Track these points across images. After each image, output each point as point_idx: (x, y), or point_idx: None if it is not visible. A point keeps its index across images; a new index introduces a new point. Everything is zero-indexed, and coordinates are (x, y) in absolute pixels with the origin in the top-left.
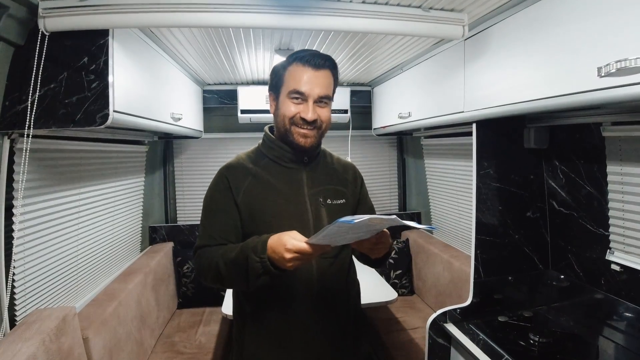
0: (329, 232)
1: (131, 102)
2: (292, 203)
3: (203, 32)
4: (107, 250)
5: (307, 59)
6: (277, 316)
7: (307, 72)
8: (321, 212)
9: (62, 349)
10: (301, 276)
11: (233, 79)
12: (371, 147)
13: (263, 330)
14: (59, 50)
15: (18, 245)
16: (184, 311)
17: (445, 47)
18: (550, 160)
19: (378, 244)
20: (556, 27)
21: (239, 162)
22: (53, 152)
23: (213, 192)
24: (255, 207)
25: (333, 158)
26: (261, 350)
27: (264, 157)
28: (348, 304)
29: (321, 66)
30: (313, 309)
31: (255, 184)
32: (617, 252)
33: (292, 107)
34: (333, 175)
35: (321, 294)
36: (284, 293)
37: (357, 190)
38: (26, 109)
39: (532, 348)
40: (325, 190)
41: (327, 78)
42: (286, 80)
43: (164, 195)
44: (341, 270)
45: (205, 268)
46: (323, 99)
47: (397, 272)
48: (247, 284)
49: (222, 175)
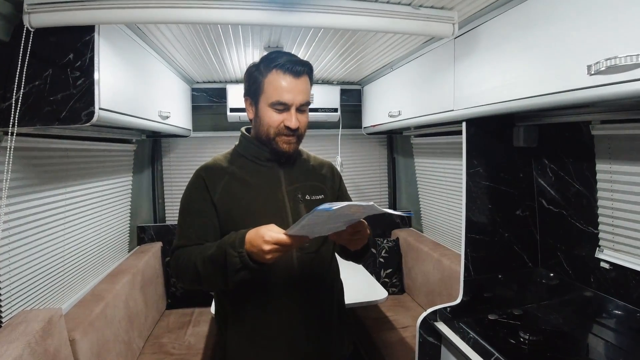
0: (308, 222)
1: (118, 99)
2: (270, 200)
3: (191, 28)
4: (95, 250)
5: (288, 67)
6: (259, 315)
7: (287, 81)
8: (300, 208)
9: (48, 351)
10: (282, 273)
11: (222, 77)
12: (361, 146)
13: (245, 329)
14: (44, 47)
15: (3, 246)
16: (172, 312)
17: (435, 45)
18: (539, 159)
19: (355, 234)
20: (546, 25)
21: (216, 163)
22: (38, 151)
23: (190, 193)
24: (232, 206)
25: (310, 156)
26: (244, 351)
27: (241, 156)
28: (331, 300)
29: (301, 73)
30: (295, 306)
31: (231, 183)
32: (607, 250)
33: (275, 117)
34: (310, 172)
35: (303, 290)
36: (265, 291)
37: (335, 187)
38: (10, 107)
39: (522, 346)
40: (303, 186)
41: (307, 84)
42: (266, 89)
43: (152, 194)
44: (322, 266)
45: (182, 268)
46: (303, 106)
47: (388, 271)
48: (226, 280)
49: (198, 176)
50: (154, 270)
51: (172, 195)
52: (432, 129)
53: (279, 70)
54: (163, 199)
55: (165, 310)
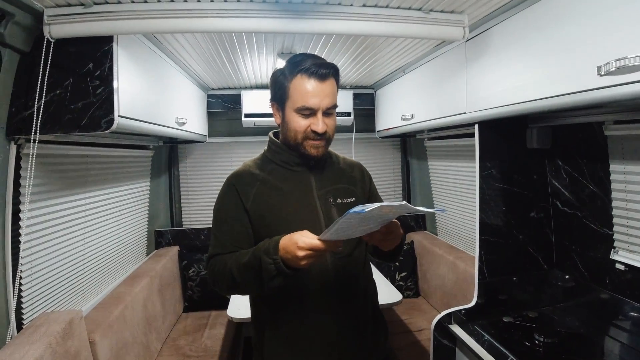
0: (341, 226)
1: (136, 107)
2: (302, 205)
3: (206, 37)
4: (113, 254)
5: (313, 71)
6: (295, 320)
7: (313, 85)
8: (332, 212)
9: (69, 352)
10: (317, 277)
11: (237, 84)
12: (375, 150)
13: (282, 335)
14: (64, 57)
15: (25, 250)
16: (189, 315)
17: (446, 48)
18: (553, 160)
19: (389, 234)
20: (556, 27)
21: (246, 170)
22: (59, 157)
23: (222, 202)
24: (265, 213)
25: (339, 158)
26: (280, 355)
27: (271, 162)
28: (365, 302)
29: (326, 76)
30: (331, 309)
31: (263, 189)
32: (622, 251)
33: (302, 122)
34: (341, 175)
35: (338, 294)
36: (301, 296)
37: (366, 188)
38: (32, 115)
39: (538, 348)
40: (334, 190)
41: (332, 86)
42: (292, 94)
43: (170, 199)
44: (356, 268)
45: (219, 276)
46: (331, 109)
47: (402, 274)
48: (262, 286)
49: (230, 184)
50: (171, 274)
51: (188, 199)
52: (445, 131)
53: (304, 74)
54: (180, 203)
55: (182, 313)
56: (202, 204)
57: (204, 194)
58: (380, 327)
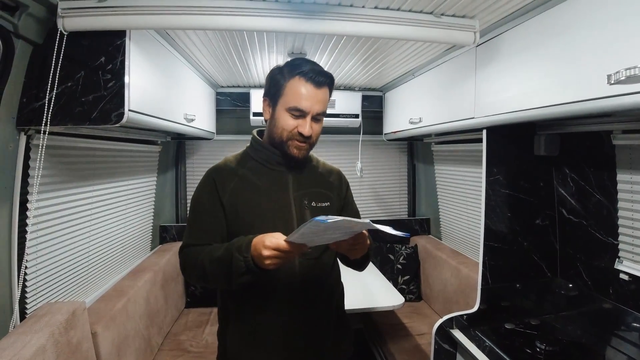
0: (305, 231)
1: (146, 101)
2: (277, 204)
3: (217, 35)
4: (118, 247)
5: (310, 76)
6: (259, 316)
7: (308, 89)
8: (305, 214)
9: (70, 343)
10: (283, 277)
11: (246, 82)
12: (382, 152)
13: (245, 329)
14: (76, 50)
15: (31, 240)
16: (191, 310)
17: (456, 53)
18: (560, 168)
19: (355, 244)
20: (566, 34)
21: (226, 164)
22: (68, 149)
23: (200, 193)
24: (240, 208)
25: (319, 162)
26: (243, 349)
27: (251, 159)
28: (330, 305)
29: (322, 84)
30: (294, 309)
31: (241, 185)
32: (626, 262)
33: (290, 122)
34: (319, 179)
35: (303, 294)
36: (266, 293)
37: (342, 195)
38: (43, 106)
39: (539, 356)
40: (310, 192)
41: (326, 95)
42: (286, 93)
43: (175, 195)
44: (323, 272)
45: (190, 266)
46: (319, 115)
47: (405, 277)
48: (230, 282)
49: (209, 177)
50: (174, 269)
51: None
52: (452, 136)
53: (302, 77)
54: (186, 199)
55: (184, 309)
56: None
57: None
58: (343, 331)
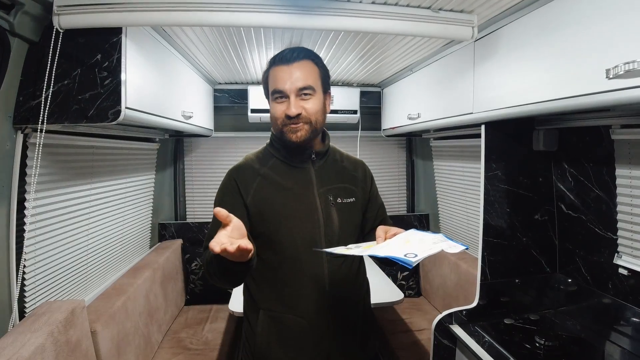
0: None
1: (143, 99)
2: (302, 203)
3: (214, 31)
4: (117, 245)
5: (279, 57)
6: (288, 315)
7: (281, 70)
8: (331, 211)
9: (70, 341)
10: (312, 275)
11: (244, 79)
12: (380, 148)
13: (274, 328)
14: (72, 48)
15: (29, 239)
16: (191, 308)
17: (454, 48)
18: (559, 163)
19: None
20: (565, 29)
21: (247, 163)
22: (65, 148)
23: (222, 194)
24: (264, 208)
25: (342, 156)
26: (271, 349)
27: (272, 157)
28: (357, 302)
29: (293, 59)
30: (323, 307)
31: (264, 184)
32: (625, 256)
33: (277, 107)
34: (343, 174)
35: (332, 292)
36: (294, 292)
37: (367, 189)
38: (40, 105)
39: (538, 351)
40: (335, 189)
41: (304, 68)
42: (269, 84)
43: (174, 192)
44: (351, 269)
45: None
46: (304, 90)
47: (404, 273)
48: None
49: (230, 177)
50: (174, 267)
51: (193, 193)
52: (451, 131)
53: (274, 64)
54: (184, 197)
55: (184, 306)
56: (206, 198)
57: (208, 188)
58: (370, 327)
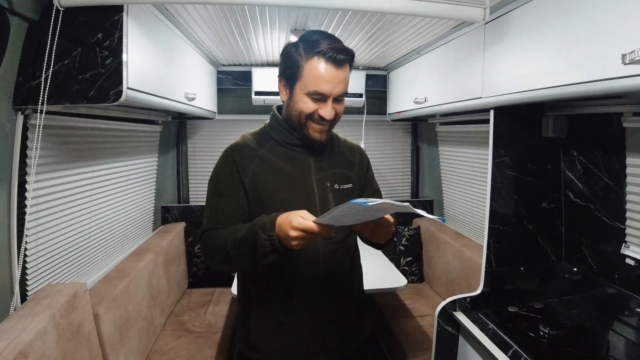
0: (339, 213)
1: (145, 79)
2: (300, 187)
3: (218, 10)
4: (120, 228)
5: (330, 55)
6: (283, 300)
7: (329, 71)
8: (328, 197)
9: (72, 325)
10: (307, 260)
11: (247, 60)
12: (385, 133)
13: (268, 314)
14: (73, 27)
15: (30, 221)
16: (194, 291)
17: (464, 31)
18: (568, 150)
19: (380, 227)
20: (579, 12)
21: (245, 143)
22: (66, 129)
23: (220, 174)
24: (262, 191)
25: (340, 141)
26: (268, 333)
27: (271, 139)
28: (352, 288)
29: (343, 62)
30: (318, 293)
31: (262, 166)
32: (633, 246)
33: (310, 105)
34: (340, 159)
35: (326, 278)
36: (289, 277)
37: (363, 174)
38: (40, 85)
39: (542, 340)
40: (332, 174)
41: (347, 73)
42: (305, 75)
43: (177, 175)
44: (347, 255)
45: (212, 249)
46: (341, 96)
47: (407, 259)
48: (255, 263)
49: (228, 157)
50: (177, 250)
51: (196, 176)
52: (458, 117)
53: (321, 57)
54: (187, 180)
55: (187, 289)
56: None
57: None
58: (364, 312)
